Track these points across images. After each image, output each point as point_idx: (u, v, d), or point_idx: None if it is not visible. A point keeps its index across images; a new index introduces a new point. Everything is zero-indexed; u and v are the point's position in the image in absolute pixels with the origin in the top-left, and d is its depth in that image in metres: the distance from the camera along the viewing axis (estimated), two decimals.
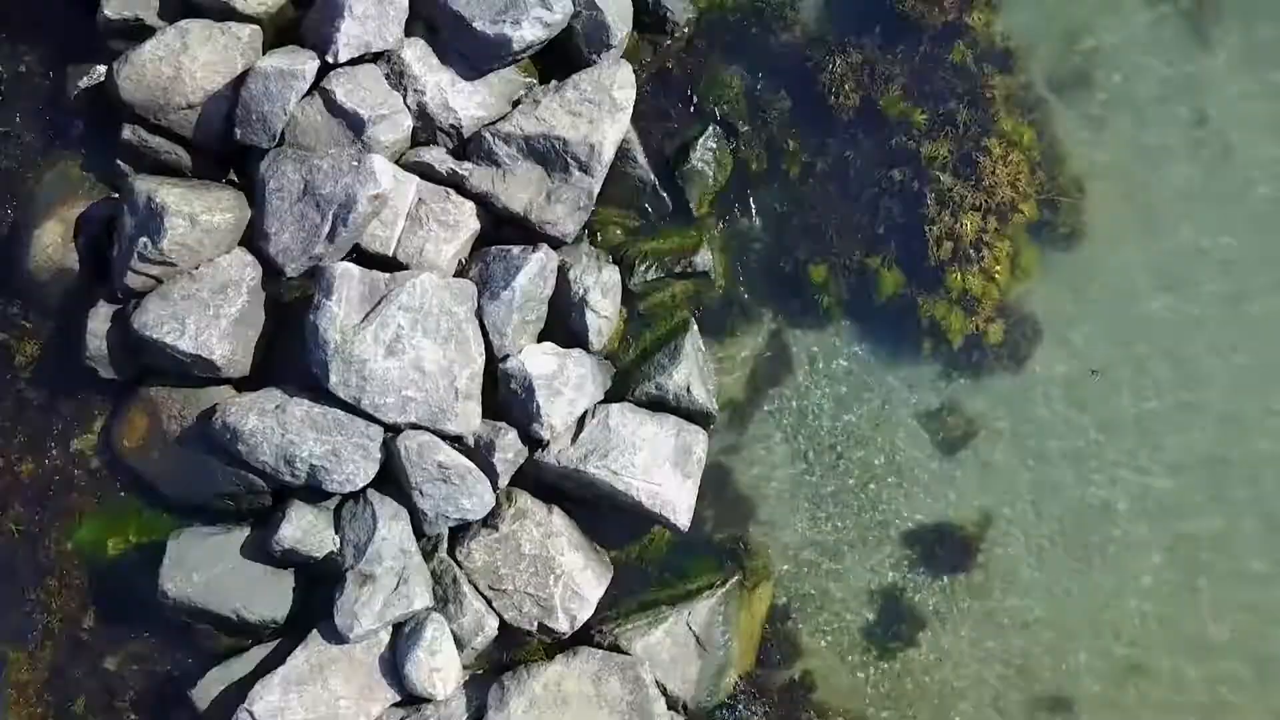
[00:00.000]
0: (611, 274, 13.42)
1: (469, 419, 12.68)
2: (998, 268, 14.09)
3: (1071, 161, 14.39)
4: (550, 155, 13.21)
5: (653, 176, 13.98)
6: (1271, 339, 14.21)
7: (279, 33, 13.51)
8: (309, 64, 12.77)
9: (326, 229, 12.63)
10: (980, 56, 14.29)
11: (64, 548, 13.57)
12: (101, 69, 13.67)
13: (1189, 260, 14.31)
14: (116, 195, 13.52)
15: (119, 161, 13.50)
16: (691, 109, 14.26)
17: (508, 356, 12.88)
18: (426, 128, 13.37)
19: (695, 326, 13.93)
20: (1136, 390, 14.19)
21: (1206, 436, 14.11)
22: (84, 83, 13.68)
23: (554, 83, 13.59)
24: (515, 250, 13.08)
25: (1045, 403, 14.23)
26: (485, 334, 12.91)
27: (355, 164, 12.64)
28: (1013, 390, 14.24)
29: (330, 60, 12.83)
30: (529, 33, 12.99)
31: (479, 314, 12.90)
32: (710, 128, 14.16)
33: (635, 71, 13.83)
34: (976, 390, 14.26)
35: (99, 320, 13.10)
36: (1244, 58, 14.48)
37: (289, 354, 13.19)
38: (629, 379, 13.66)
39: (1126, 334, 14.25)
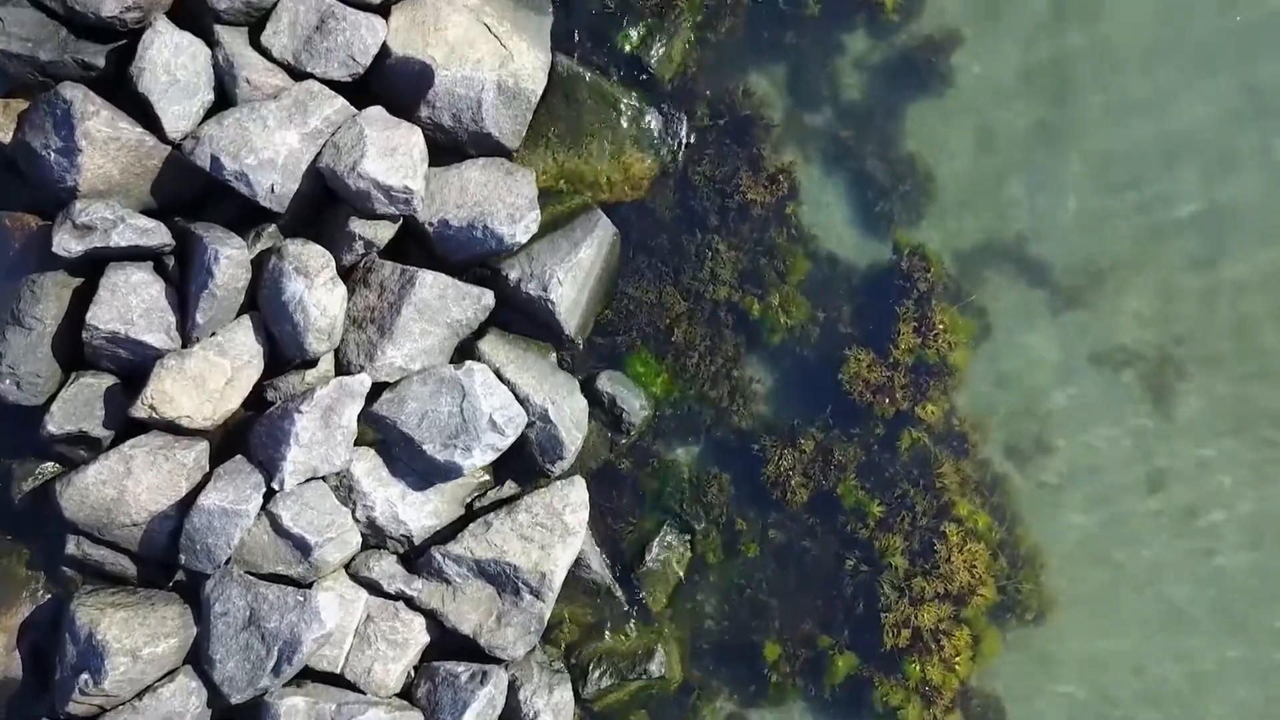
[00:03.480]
0: (564, 692, 13.16)
1: None
2: (958, 657, 13.80)
3: (1031, 535, 14.13)
4: (501, 578, 12.96)
5: (608, 579, 13.75)
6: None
7: (228, 435, 13.28)
8: (254, 498, 12.49)
9: (272, 664, 12.38)
10: (936, 439, 14.04)
11: None
12: (48, 466, 13.47)
13: (1157, 632, 14.05)
14: (60, 595, 13.31)
15: (64, 568, 13.27)
16: (647, 506, 14.05)
17: None
18: (376, 536, 13.14)
19: None
20: None
21: None
22: (28, 484, 13.43)
23: (510, 485, 13.43)
24: (464, 677, 12.81)
25: None
26: None
27: (300, 600, 12.40)
28: None
29: (276, 488, 12.58)
30: (480, 459, 12.78)
31: None
32: (665, 526, 13.93)
33: (590, 469, 13.65)
34: None
35: None
36: (1203, 420, 14.23)
37: None
38: None
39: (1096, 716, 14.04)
